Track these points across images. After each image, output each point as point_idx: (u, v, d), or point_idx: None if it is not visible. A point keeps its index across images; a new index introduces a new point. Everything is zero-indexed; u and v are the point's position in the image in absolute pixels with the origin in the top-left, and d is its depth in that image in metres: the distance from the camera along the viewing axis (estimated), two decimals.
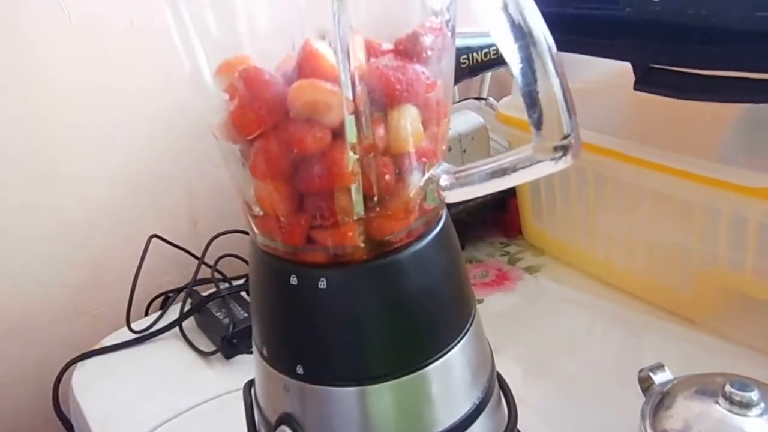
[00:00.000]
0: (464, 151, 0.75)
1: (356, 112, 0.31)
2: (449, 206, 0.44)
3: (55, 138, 0.72)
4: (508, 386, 0.46)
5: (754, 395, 0.41)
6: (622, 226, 0.66)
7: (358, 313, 0.36)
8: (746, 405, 0.41)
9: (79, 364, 0.68)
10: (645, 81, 0.54)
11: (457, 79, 0.78)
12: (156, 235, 0.75)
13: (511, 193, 0.79)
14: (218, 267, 0.76)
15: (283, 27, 0.35)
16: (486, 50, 0.78)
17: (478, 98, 0.95)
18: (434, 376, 0.38)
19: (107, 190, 0.77)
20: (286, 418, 0.39)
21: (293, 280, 0.35)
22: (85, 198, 0.75)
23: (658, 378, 0.47)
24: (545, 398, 0.56)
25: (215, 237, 0.75)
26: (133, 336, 0.70)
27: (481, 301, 0.70)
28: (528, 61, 0.29)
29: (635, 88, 0.55)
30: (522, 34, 0.29)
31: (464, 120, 0.77)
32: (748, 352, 0.57)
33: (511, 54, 0.30)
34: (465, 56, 0.76)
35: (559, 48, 0.64)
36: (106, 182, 0.76)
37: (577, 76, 0.71)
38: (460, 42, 0.76)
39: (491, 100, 0.94)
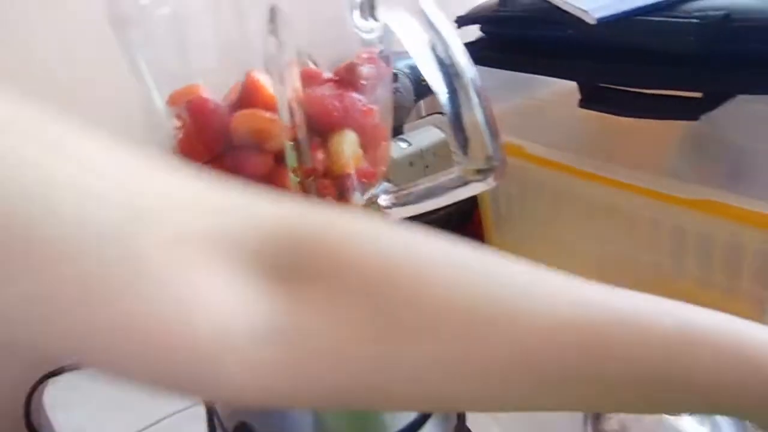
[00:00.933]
0: (426, 166, 0.77)
1: (295, 139, 0.33)
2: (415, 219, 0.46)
3: None
4: None
5: None
6: (576, 238, 0.68)
7: None
8: None
9: (50, 381, 0.69)
10: (590, 99, 0.57)
11: (420, 96, 0.81)
12: None
13: (475, 204, 0.81)
14: None
15: (233, 57, 0.37)
16: None
17: (442, 113, 0.98)
18: None
19: None
20: (242, 428, 0.41)
21: None
22: None
23: None
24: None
25: None
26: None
27: None
28: (453, 94, 0.32)
29: (581, 106, 0.57)
30: (448, 70, 0.32)
31: (427, 136, 0.79)
32: None
33: (438, 87, 0.32)
34: None
35: (510, 68, 0.67)
36: None
37: (532, 93, 0.74)
38: None
39: None
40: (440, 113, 0.97)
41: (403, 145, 0.72)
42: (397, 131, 0.75)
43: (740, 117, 0.54)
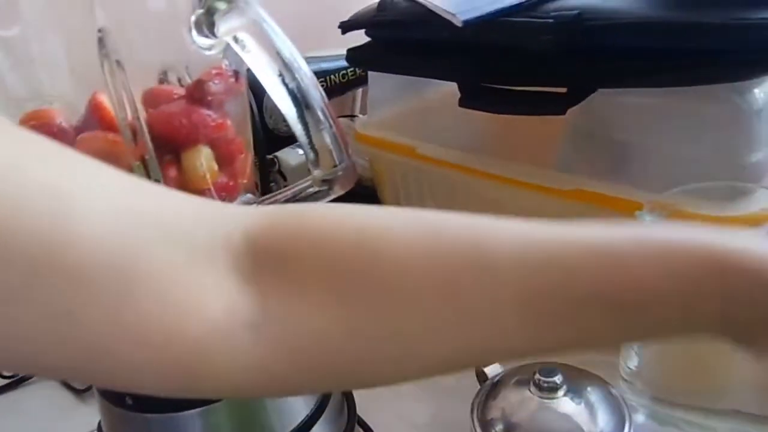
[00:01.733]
0: None
1: (142, 159, 0.33)
2: None
3: None
4: (350, 391, 0.50)
5: (558, 379, 0.45)
6: None
7: None
8: (552, 389, 0.45)
9: None
10: (468, 98, 0.58)
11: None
12: None
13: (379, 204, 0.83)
14: None
15: (87, 79, 0.37)
16: (344, 72, 0.82)
17: (350, 116, 0.99)
18: None
19: None
20: None
21: None
22: None
23: (490, 371, 0.52)
24: (402, 399, 0.60)
25: None
26: (4, 381, 0.69)
27: None
28: (302, 117, 0.33)
29: (460, 105, 0.59)
30: (296, 97, 0.33)
31: None
32: None
33: (288, 111, 0.33)
34: (322, 79, 0.79)
35: (396, 71, 0.68)
36: None
37: (426, 94, 0.76)
38: (315, 66, 0.79)
39: (361, 117, 0.98)
40: (347, 116, 0.98)
41: (301, 151, 0.72)
42: (294, 138, 0.75)
43: (614, 111, 0.57)
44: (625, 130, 0.54)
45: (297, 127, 0.34)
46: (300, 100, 0.33)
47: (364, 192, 0.83)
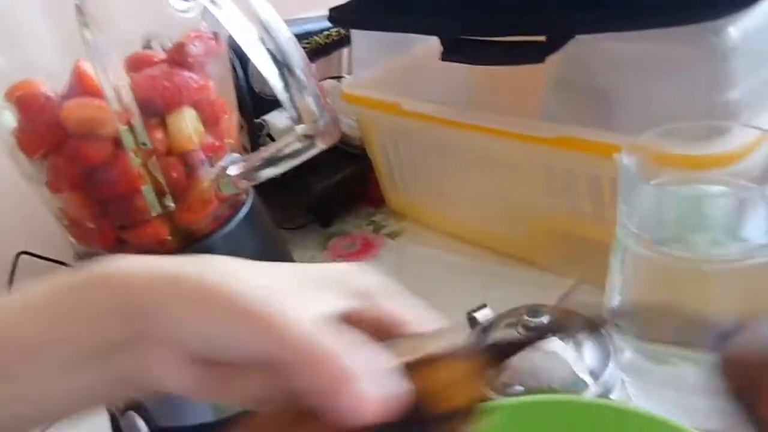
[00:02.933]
0: None
1: (128, 122, 0.34)
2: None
3: None
4: None
5: (545, 319, 0.47)
6: (463, 186, 0.71)
7: None
8: (539, 328, 0.47)
9: None
10: (449, 51, 0.59)
11: None
12: (25, 252, 0.76)
13: (370, 166, 0.84)
14: None
15: (72, 50, 0.38)
16: (327, 32, 0.82)
17: (337, 77, 0.99)
18: None
19: None
20: (132, 405, 0.43)
21: None
22: None
23: (481, 316, 0.53)
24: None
25: None
26: None
27: None
28: (283, 76, 0.34)
29: (442, 59, 0.60)
30: (277, 59, 0.33)
31: None
32: (577, 284, 0.64)
33: (267, 70, 0.34)
34: (306, 41, 0.79)
35: (381, 29, 0.69)
36: None
37: (408, 51, 0.76)
38: (299, 28, 0.79)
39: (347, 77, 0.98)
40: (333, 77, 0.98)
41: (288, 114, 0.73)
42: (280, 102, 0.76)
43: (593, 58, 0.57)
44: (605, 76, 0.55)
45: (277, 86, 0.35)
46: (279, 60, 0.34)
47: (353, 152, 0.84)
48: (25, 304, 0.25)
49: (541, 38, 0.53)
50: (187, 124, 0.36)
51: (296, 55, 0.34)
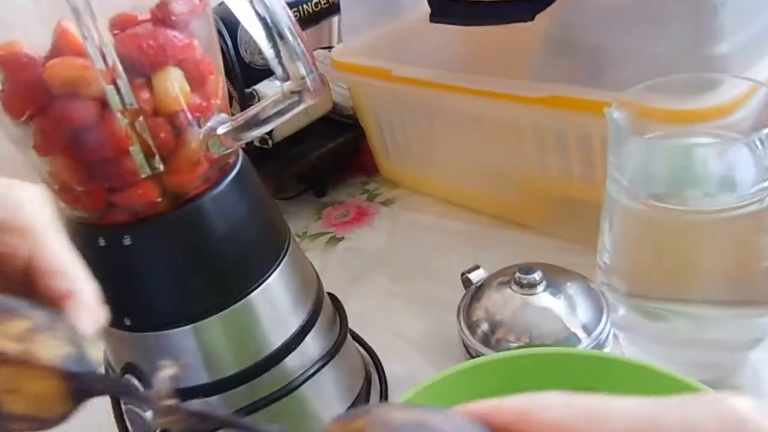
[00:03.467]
0: None
1: (114, 82, 0.34)
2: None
3: None
4: (340, 303, 0.52)
5: (537, 276, 0.47)
6: (454, 151, 0.71)
7: (166, 262, 0.40)
8: (531, 285, 0.47)
9: None
10: (437, 13, 0.59)
11: None
12: None
13: (363, 135, 0.83)
14: None
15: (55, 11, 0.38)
16: (316, 0, 0.81)
17: (328, 47, 0.98)
18: (257, 303, 0.43)
19: None
20: (128, 368, 0.43)
21: (101, 242, 0.39)
22: None
23: (474, 277, 0.54)
24: (397, 314, 0.62)
25: None
26: None
27: (341, 239, 0.75)
28: (274, 44, 0.34)
29: (431, 21, 0.59)
30: (263, 17, 0.33)
31: None
32: (567, 244, 0.64)
33: (257, 34, 0.34)
34: (294, 9, 0.79)
35: None
36: None
37: (397, 17, 0.76)
38: None
39: (337, 46, 0.97)
40: (324, 47, 0.97)
41: (279, 83, 0.72)
42: (270, 71, 0.75)
43: (584, 15, 0.57)
44: (595, 33, 0.55)
45: (263, 43, 0.35)
46: (265, 17, 0.34)
47: (346, 122, 0.84)
48: None
49: None
50: (174, 83, 0.36)
51: (283, 13, 0.34)
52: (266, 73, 0.75)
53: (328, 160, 0.81)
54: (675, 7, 0.51)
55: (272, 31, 0.34)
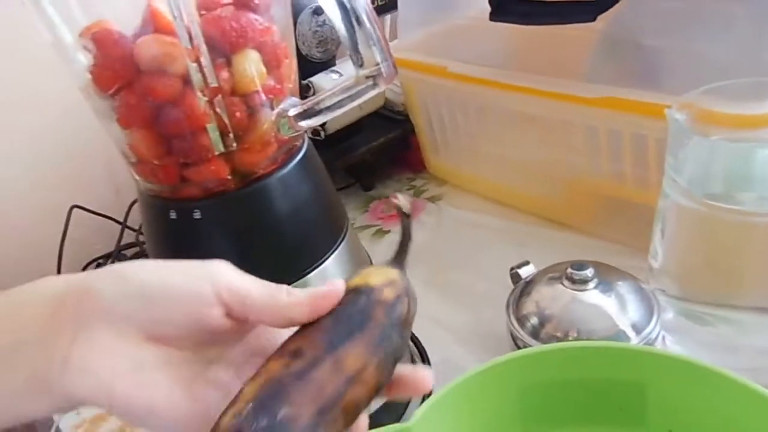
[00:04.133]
0: None
1: (197, 60, 0.35)
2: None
3: None
4: None
5: (589, 273, 0.48)
6: (503, 149, 0.72)
7: (231, 237, 0.41)
8: (583, 281, 0.48)
9: None
10: (498, 12, 0.60)
11: None
12: (77, 206, 0.78)
13: (412, 131, 0.85)
14: (142, 230, 0.80)
15: None
16: None
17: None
18: (314, 284, 0.44)
19: (24, 167, 0.80)
20: None
21: (172, 215, 0.40)
22: (1, 177, 0.78)
23: (524, 272, 0.54)
24: (441, 306, 0.63)
25: (135, 201, 0.79)
26: None
27: (388, 232, 0.77)
28: (350, 28, 0.35)
29: (491, 19, 0.60)
30: (343, 4, 0.34)
31: None
32: (614, 246, 0.64)
33: (335, 17, 0.35)
34: None
35: None
36: (23, 160, 0.79)
37: (452, 15, 0.77)
38: None
39: (392, 42, 0.98)
40: None
41: (335, 76, 0.74)
42: (328, 63, 0.77)
43: (644, 17, 0.57)
44: (655, 35, 0.55)
45: (342, 31, 0.36)
46: (347, 7, 0.35)
47: (396, 117, 0.85)
48: None
49: None
50: (251, 65, 0.37)
51: (363, 1, 0.35)
52: (322, 66, 0.77)
53: (377, 154, 0.83)
54: (737, 11, 0.51)
55: (350, 15, 0.35)
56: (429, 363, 0.56)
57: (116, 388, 0.26)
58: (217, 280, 0.29)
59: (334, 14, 0.35)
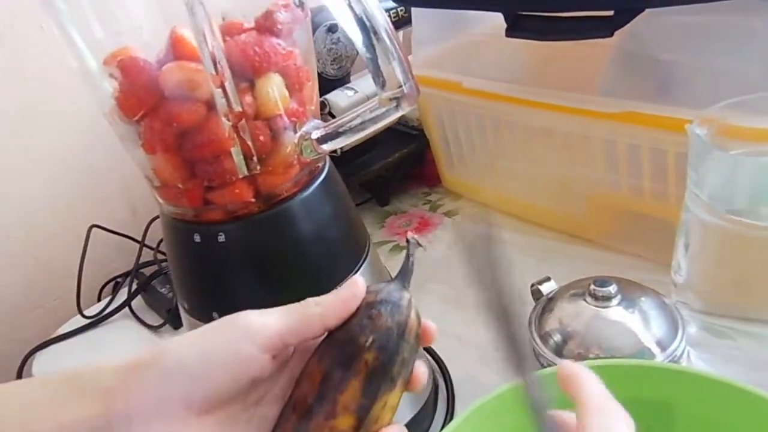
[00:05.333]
0: None
1: (222, 86, 0.36)
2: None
3: None
4: None
5: (612, 289, 0.48)
6: (519, 163, 0.72)
7: (256, 259, 0.41)
8: (606, 298, 0.47)
9: (37, 354, 0.73)
10: (514, 28, 0.60)
11: None
12: (96, 225, 0.79)
13: (427, 145, 0.85)
14: (160, 248, 0.80)
15: (166, 18, 0.40)
16: (387, 14, 0.83)
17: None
18: None
19: (41, 187, 0.80)
20: None
21: (196, 238, 0.41)
22: (20, 197, 0.79)
23: (545, 288, 0.54)
24: (460, 324, 0.63)
25: (153, 220, 0.80)
26: (87, 321, 0.75)
27: (405, 248, 0.76)
28: (370, 45, 0.35)
29: (507, 35, 0.60)
30: (364, 25, 0.35)
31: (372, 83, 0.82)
32: (633, 260, 0.64)
33: (357, 40, 0.35)
34: None
35: (442, 5, 0.70)
36: (40, 180, 0.80)
37: (467, 31, 0.77)
38: None
39: None
40: None
41: (350, 93, 0.74)
42: (343, 80, 0.77)
43: (660, 32, 0.57)
44: (672, 50, 0.55)
45: (364, 52, 0.36)
46: (366, 25, 0.35)
47: (411, 132, 0.85)
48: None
49: (608, 13, 0.53)
50: (274, 89, 0.38)
51: (382, 20, 0.35)
52: (337, 83, 0.77)
53: (392, 169, 0.83)
54: (755, 25, 0.51)
55: (369, 32, 0.35)
56: (452, 382, 0.55)
57: None
58: (252, 336, 0.29)
59: (354, 33, 0.35)
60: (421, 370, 0.33)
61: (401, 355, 0.32)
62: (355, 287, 0.32)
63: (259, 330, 0.29)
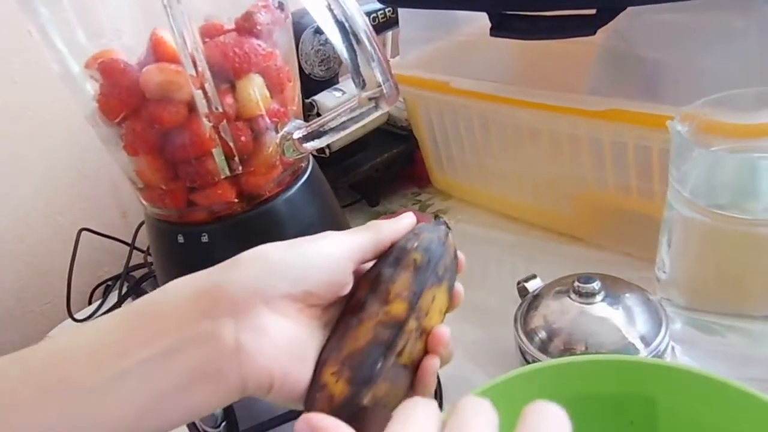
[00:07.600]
0: None
1: (202, 87, 0.36)
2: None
3: None
4: None
5: (596, 285, 0.48)
6: (508, 163, 0.72)
7: None
8: (590, 294, 0.48)
9: None
10: (499, 27, 0.60)
11: None
12: (85, 229, 0.79)
13: (416, 146, 0.85)
14: (150, 251, 0.80)
15: (146, 20, 0.40)
16: (374, 15, 0.83)
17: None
18: None
19: (31, 191, 0.80)
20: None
21: (180, 239, 0.41)
22: (10, 201, 0.79)
23: (531, 286, 0.54)
24: (447, 322, 0.63)
25: (142, 223, 0.80)
26: (77, 324, 0.75)
27: None
28: (351, 48, 0.35)
29: (491, 35, 0.61)
30: (344, 28, 0.35)
31: None
32: (620, 258, 0.64)
33: (337, 43, 0.36)
34: None
35: (427, 6, 0.70)
36: (30, 184, 0.80)
37: (454, 32, 0.77)
38: None
39: (394, 59, 0.99)
40: None
41: (338, 94, 0.75)
42: (331, 81, 0.78)
43: (644, 30, 0.58)
44: (655, 48, 0.55)
45: (343, 52, 0.36)
46: (346, 28, 0.35)
47: (400, 133, 0.85)
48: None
49: (591, 11, 0.54)
50: (255, 90, 0.38)
51: (362, 22, 0.35)
52: (325, 84, 0.77)
53: (381, 170, 0.83)
54: (737, 23, 0.51)
55: (349, 34, 0.35)
56: (439, 379, 0.56)
57: (285, 367, 0.29)
58: (344, 247, 0.32)
59: (334, 36, 0.36)
60: (461, 287, 0.38)
61: (444, 259, 0.36)
62: (411, 217, 0.36)
63: (348, 241, 0.33)
